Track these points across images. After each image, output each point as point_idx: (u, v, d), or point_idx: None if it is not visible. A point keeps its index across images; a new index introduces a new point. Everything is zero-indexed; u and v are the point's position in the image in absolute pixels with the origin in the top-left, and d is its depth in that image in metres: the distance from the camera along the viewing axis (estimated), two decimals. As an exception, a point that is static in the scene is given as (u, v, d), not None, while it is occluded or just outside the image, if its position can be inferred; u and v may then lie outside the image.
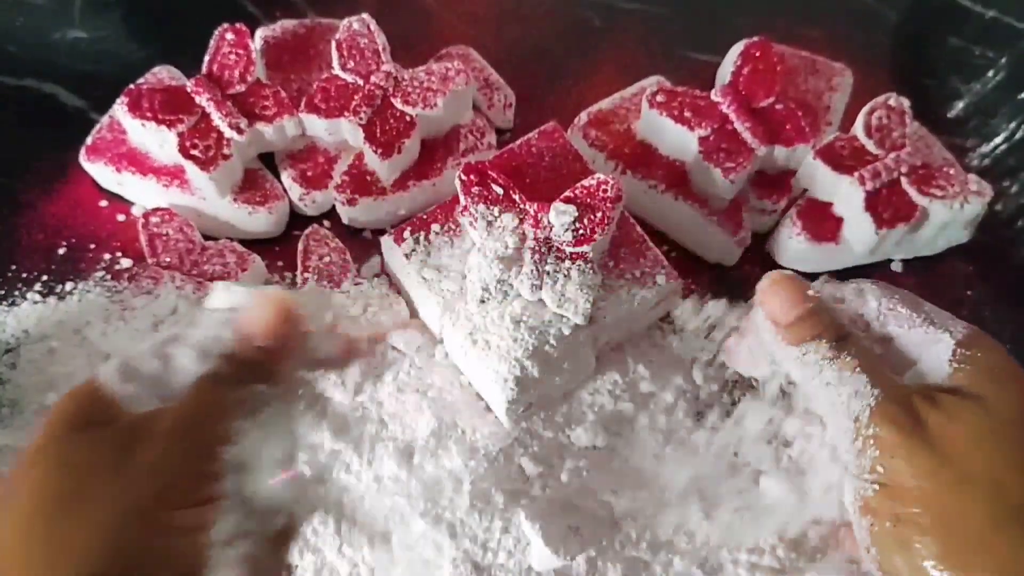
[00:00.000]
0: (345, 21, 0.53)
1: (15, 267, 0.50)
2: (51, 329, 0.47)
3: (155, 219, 0.50)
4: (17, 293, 0.49)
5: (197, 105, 0.50)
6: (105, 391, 0.29)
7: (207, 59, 0.52)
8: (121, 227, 0.52)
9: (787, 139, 0.52)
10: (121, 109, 0.49)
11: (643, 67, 0.60)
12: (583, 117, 0.55)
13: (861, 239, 0.51)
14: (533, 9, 0.63)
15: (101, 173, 0.52)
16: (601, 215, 0.42)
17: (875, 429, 0.30)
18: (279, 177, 0.53)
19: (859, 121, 0.53)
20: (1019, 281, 0.55)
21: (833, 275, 0.54)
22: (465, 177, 0.44)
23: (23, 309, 0.48)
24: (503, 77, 0.57)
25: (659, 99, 0.52)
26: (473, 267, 0.44)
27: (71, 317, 0.48)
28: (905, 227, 0.51)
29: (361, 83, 0.52)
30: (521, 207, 0.43)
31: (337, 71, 0.52)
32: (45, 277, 0.50)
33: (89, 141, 0.52)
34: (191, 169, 0.49)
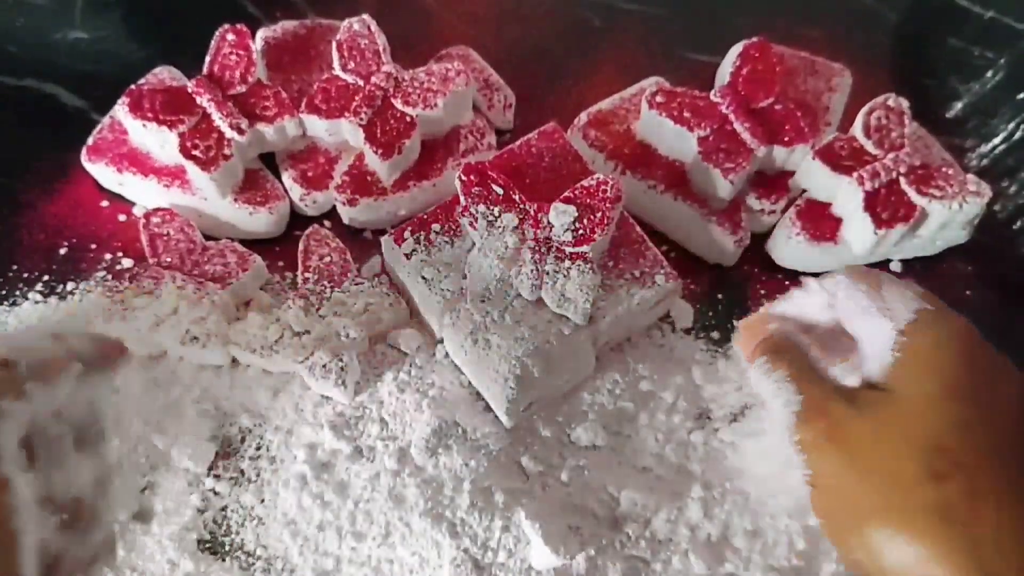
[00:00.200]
0: (345, 22, 0.53)
1: (16, 267, 0.50)
2: (52, 329, 0.47)
3: (156, 219, 0.50)
4: (18, 293, 0.49)
5: (198, 105, 0.50)
6: None
7: (208, 60, 0.52)
8: (122, 227, 0.52)
9: (786, 139, 0.52)
10: (122, 109, 0.50)
11: (643, 67, 0.60)
12: (583, 117, 0.55)
13: (860, 239, 0.51)
14: (533, 9, 0.63)
15: (102, 173, 0.52)
16: (601, 215, 0.42)
17: (798, 435, 0.31)
18: (280, 177, 0.53)
19: (858, 121, 0.53)
20: (1018, 281, 0.55)
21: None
22: (465, 177, 0.44)
23: (24, 309, 0.48)
24: (503, 78, 0.57)
25: (659, 99, 0.52)
26: (473, 267, 0.44)
27: (72, 317, 0.48)
28: (904, 227, 0.51)
29: (361, 84, 0.52)
30: (521, 207, 0.44)
31: (338, 72, 0.52)
32: (46, 277, 0.50)
33: (90, 141, 0.52)
34: (192, 169, 0.49)
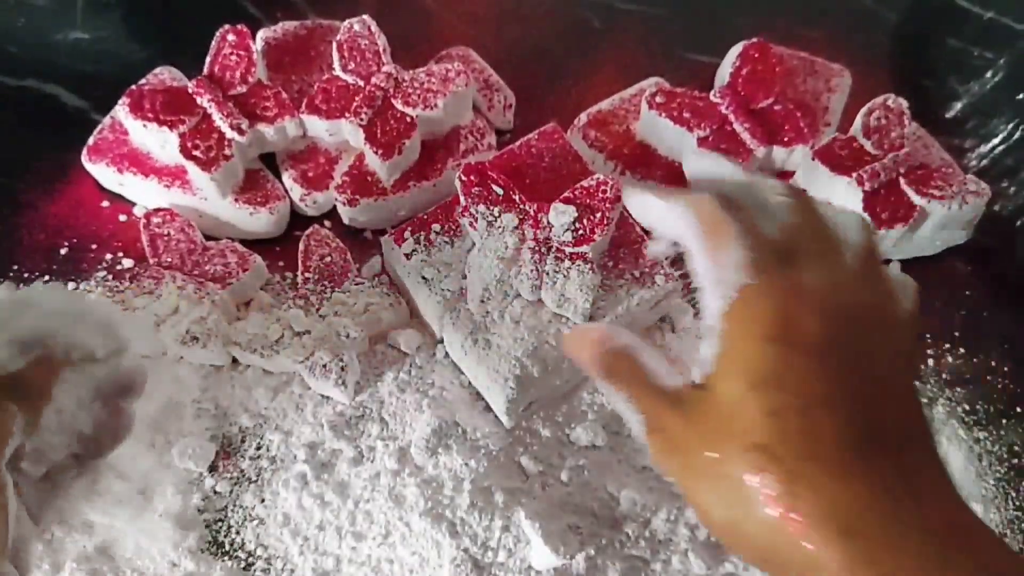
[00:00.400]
0: (346, 22, 0.53)
1: (17, 267, 0.50)
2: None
3: (156, 219, 0.50)
4: (19, 293, 0.49)
5: (198, 106, 0.50)
6: None
7: (208, 60, 0.52)
8: (122, 227, 0.52)
9: (786, 140, 0.53)
10: (122, 110, 0.50)
11: (642, 68, 0.60)
12: (583, 118, 0.55)
13: (860, 239, 0.51)
14: (533, 10, 0.63)
15: (103, 173, 0.52)
16: (601, 215, 0.42)
17: (651, 451, 0.32)
18: (280, 178, 0.53)
19: (857, 122, 0.54)
20: (1018, 281, 0.55)
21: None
22: (465, 178, 0.44)
23: (25, 309, 0.48)
24: (503, 78, 0.57)
25: (658, 100, 0.53)
26: (473, 267, 0.44)
27: (73, 317, 0.48)
28: (903, 227, 0.51)
29: (362, 84, 0.52)
30: (521, 207, 0.44)
31: (338, 72, 0.52)
32: (47, 277, 0.50)
33: (91, 141, 0.52)
34: (192, 170, 0.49)
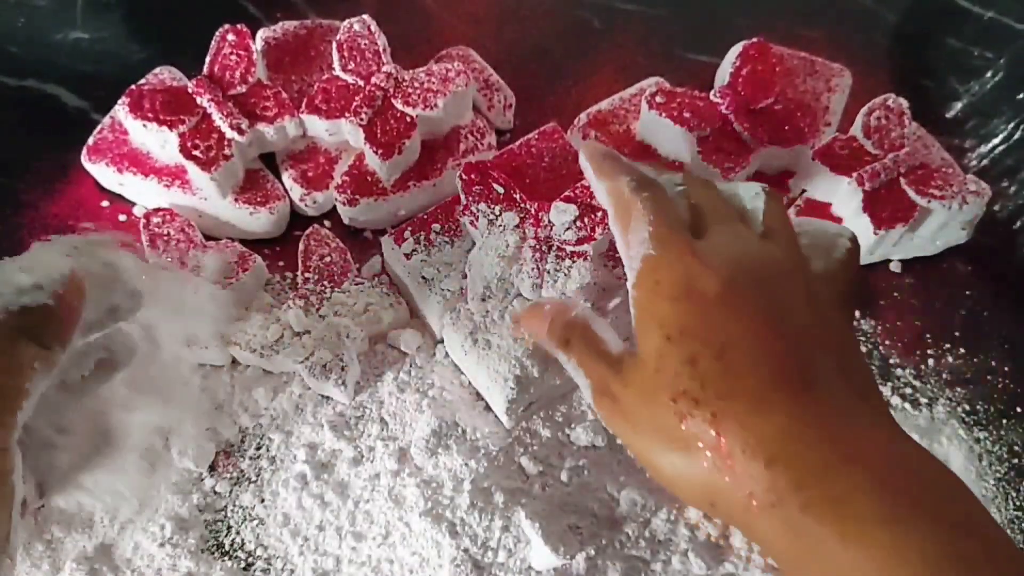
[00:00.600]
0: (346, 22, 0.53)
1: (17, 267, 0.50)
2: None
3: (156, 219, 0.50)
4: (19, 293, 0.49)
5: (198, 106, 0.50)
6: None
7: (208, 60, 0.52)
8: (122, 227, 0.52)
9: (786, 140, 0.53)
10: (122, 110, 0.50)
11: (642, 68, 0.60)
12: (583, 118, 0.55)
13: (859, 239, 0.51)
14: (533, 10, 0.63)
15: (102, 173, 0.52)
16: (602, 214, 0.43)
17: (597, 413, 0.34)
18: (280, 177, 0.53)
19: (858, 122, 0.54)
20: (1018, 281, 0.55)
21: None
22: (466, 176, 0.44)
23: (25, 309, 0.48)
24: (503, 78, 0.57)
25: (658, 100, 0.52)
26: (474, 265, 0.44)
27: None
28: (903, 227, 0.51)
29: (362, 84, 0.52)
30: (522, 206, 0.44)
31: (338, 72, 0.52)
32: (47, 277, 0.50)
33: (90, 141, 0.52)
34: (192, 169, 0.49)
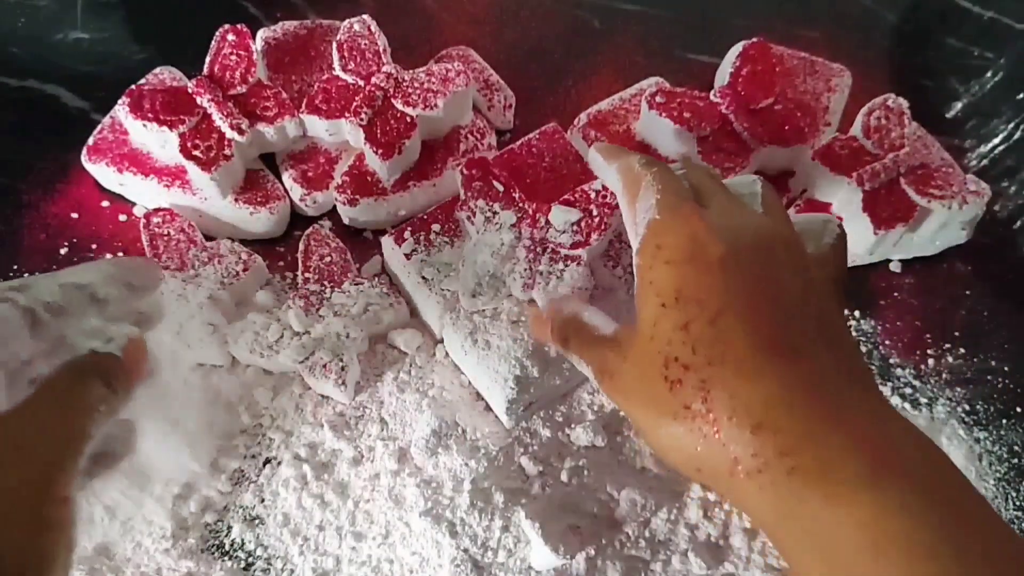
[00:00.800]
0: (346, 22, 0.53)
1: (17, 267, 0.50)
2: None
3: (157, 219, 0.50)
4: (19, 293, 0.49)
5: (198, 106, 0.50)
6: None
7: (208, 60, 0.52)
8: (123, 227, 0.52)
9: (786, 140, 0.53)
10: (122, 110, 0.50)
11: (642, 68, 0.60)
12: (583, 118, 0.55)
13: (859, 239, 0.51)
14: (533, 10, 0.63)
15: (103, 173, 0.52)
16: (599, 220, 0.43)
17: (606, 397, 0.36)
18: (280, 178, 0.53)
19: (858, 122, 0.54)
20: (1017, 281, 0.55)
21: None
22: (467, 171, 0.44)
23: (25, 309, 0.48)
24: (503, 78, 0.57)
25: (658, 100, 0.52)
26: (467, 261, 0.44)
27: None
28: (903, 227, 0.51)
29: (362, 84, 0.52)
30: (520, 205, 0.44)
31: (338, 72, 0.52)
32: (47, 277, 0.50)
33: (91, 142, 0.52)
34: (192, 170, 0.49)
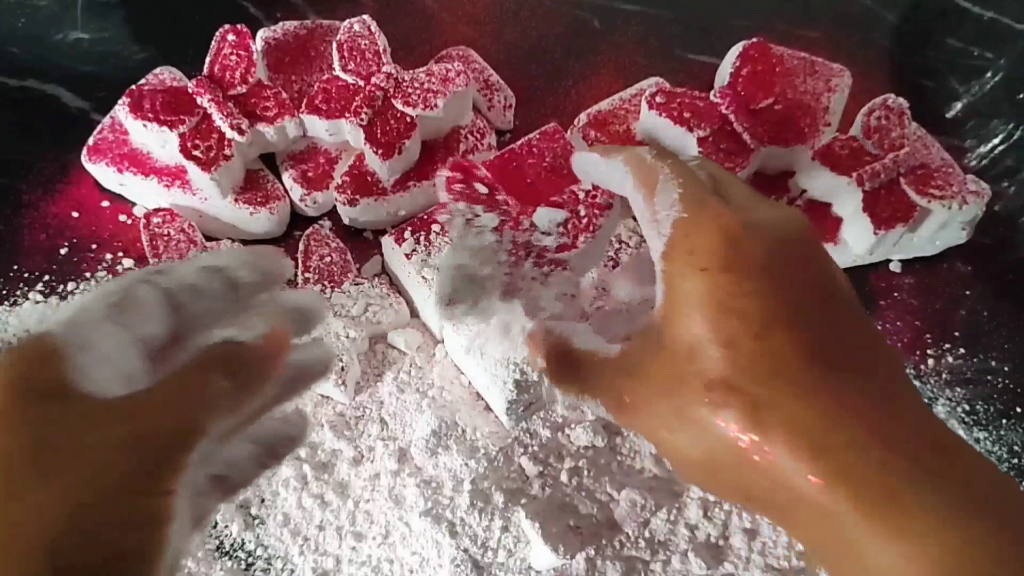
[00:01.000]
0: (346, 22, 0.53)
1: (17, 267, 0.50)
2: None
3: (157, 219, 0.50)
4: (19, 293, 0.49)
5: (198, 106, 0.50)
6: (57, 355, 0.25)
7: (208, 60, 0.52)
8: (123, 227, 0.52)
9: (786, 140, 0.53)
10: (123, 110, 0.50)
11: (642, 68, 0.60)
12: (583, 118, 0.55)
13: (859, 240, 0.51)
14: (533, 10, 0.63)
15: (103, 173, 0.52)
16: (587, 221, 0.39)
17: (621, 426, 0.31)
18: (280, 178, 0.53)
19: (858, 122, 0.54)
20: (1017, 281, 0.55)
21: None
22: (450, 173, 0.41)
23: (25, 309, 0.48)
24: (503, 78, 0.57)
25: (658, 100, 0.52)
26: (443, 267, 0.40)
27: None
28: (903, 227, 0.51)
29: (362, 84, 0.52)
30: (504, 208, 0.41)
31: (338, 72, 0.52)
32: (47, 277, 0.50)
33: (91, 142, 0.52)
34: (192, 170, 0.49)
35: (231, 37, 0.52)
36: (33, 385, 0.25)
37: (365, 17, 0.53)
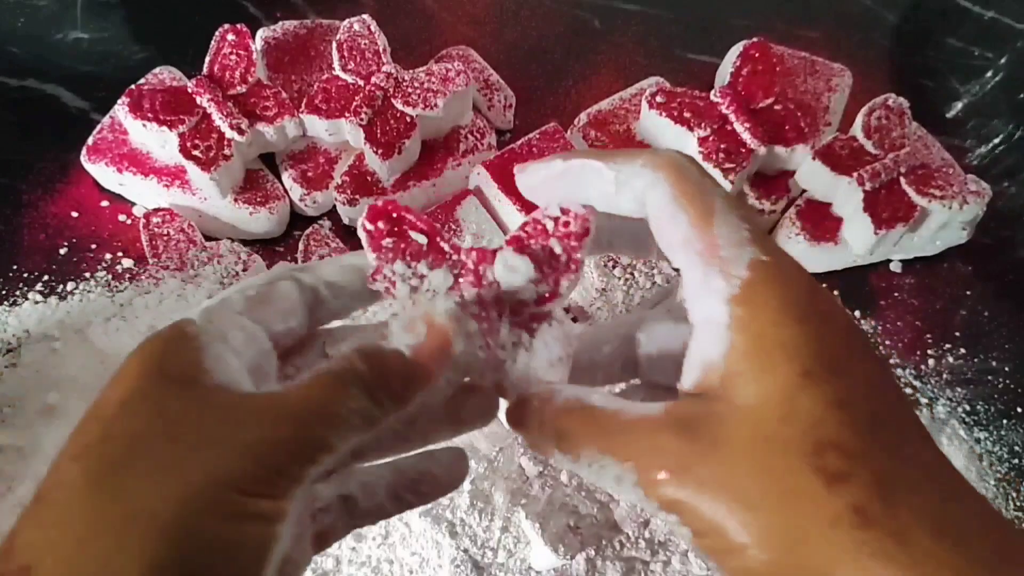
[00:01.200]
0: (346, 22, 0.53)
1: (16, 267, 0.50)
2: (52, 329, 0.47)
3: (156, 219, 0.50)
4: (19, 293, 0.49)
5: (198, 106, 0.50)
6: (195, 343, 0.25)
7: (208, 60, 0.52)
8: (122, 227, 0.52)
9: (786, 139, 0.52)
10: (122, 110, 0.50)
11: (642, 68, 0.60)
12: (583, 118, 0.55)
13: (860, 239, 0.51)
14: (533, 10, 0.63)
15: (102, 173, 0.52)
16: (567, 260, 0.29)
17: (655, 501, 0.25)
18: (280, 177, 0.53)
19: (858, 121, 0.53)
20: (1018, 281, 0.55)
21: (832, 275, 0.54)
22: (371, 226, 0.30)
23: (24, 309, 0.48)
24: (503, 78, 0.57)
25: (659, 100, 0.52)
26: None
27: (72, 317, 0.48)
28: (904, 227, 0.51)
29: (362, 84, 0.52)
30: (454, 258, 0.30)
31: (338, 72, 0.52)
32: (46, 277, 0.50)
33: (90, 141, 0.52)
34: (192, 169, 0.49)
35: (231, 37, 0.52)
36: (169, 371, 0.25)
37: (365, 17, 0.53)
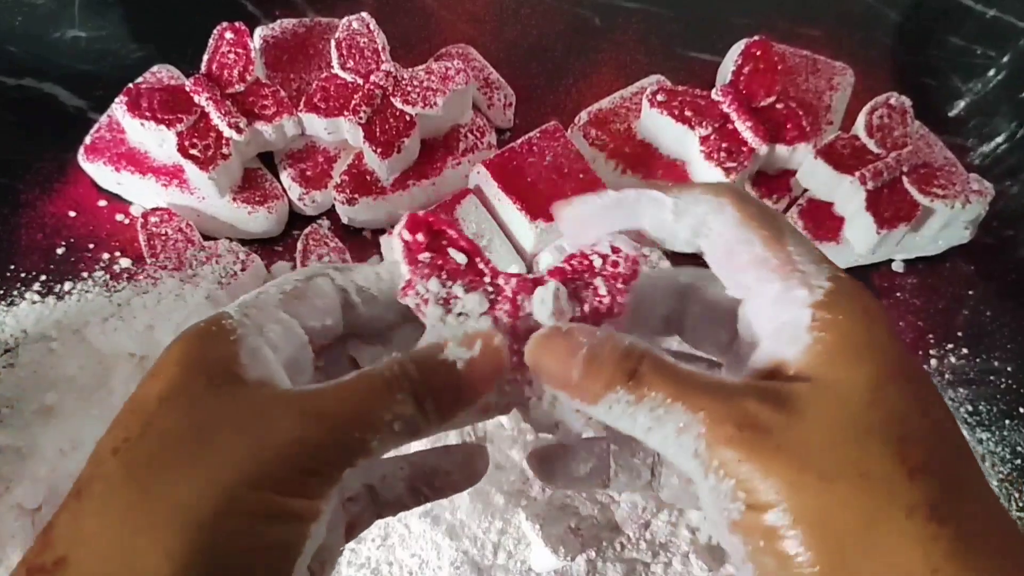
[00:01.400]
0: (345, 20, 0.53)
1: (14, 267, 0.50)
2: (50, 329, 0.47)
3: (154, 219, 0.49)
4: (16, 293, 0.49)
5: (196, 104, 0.50)
6: (231, 336, 0.25)
7: (206, 58, 0.52)
8: (120, 227, 0.52)
9: (788, 138, 0.52)
10: (120, 108, 0.49)
11: (643, 66, 0.60)
12: (583, 116, 0.55)
13: (862, 239, 0.51)
14: (533, 8, 0.63)
15: (100, 173, 0.52)
16: (610, 301, 0.28)
17: (717, 459, 0.25)
18: (278, 177, 0.53)
19: (860, 120, 0.53)
20: (1020, 281, 0.55)
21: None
22: (409, 237, 0.29)
23: (22, 309, 0.48)
24: (503, 76, 0.57)
25: (660, 98, 0.52)
26: None
27: (70, 317, 0.47)
28: (906, 227, 0.51)
29: (361, 82, 0.51)
30: (491, 283, 0.29)
31: (337, 70, 0.52)
32: (44, 277, 0.50)
33: (88, 141, 0.52)
34: (190, 169, 0.49)
35: (229, 35, 0.52)
36: (206, 364, 0.25)
37: (364, 15, 0.53)
